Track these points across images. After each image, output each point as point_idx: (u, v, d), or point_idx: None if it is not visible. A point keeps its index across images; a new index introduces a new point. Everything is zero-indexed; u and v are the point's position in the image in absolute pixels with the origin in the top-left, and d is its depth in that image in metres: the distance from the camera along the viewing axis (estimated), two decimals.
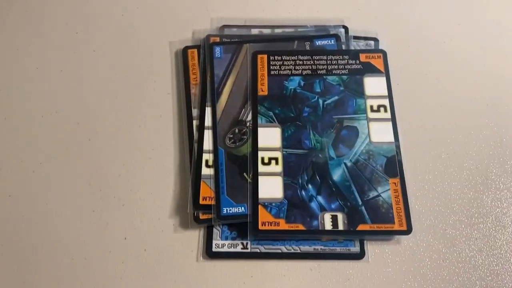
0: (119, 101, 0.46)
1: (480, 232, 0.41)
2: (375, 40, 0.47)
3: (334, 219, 0.39)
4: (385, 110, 0.43)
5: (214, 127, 0.42)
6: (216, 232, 0.40)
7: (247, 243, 0.40)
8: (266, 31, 0.48)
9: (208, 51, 0.45)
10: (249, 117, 0.43)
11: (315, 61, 0.45)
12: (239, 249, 0.39)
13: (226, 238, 0.40)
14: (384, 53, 0.46)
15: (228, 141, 0.42)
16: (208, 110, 0.43)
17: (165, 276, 0.39)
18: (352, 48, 0.46)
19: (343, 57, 0.45)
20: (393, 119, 0.43)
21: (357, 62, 0.45)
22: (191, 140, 0.42)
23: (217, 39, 0.46)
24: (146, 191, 0.42)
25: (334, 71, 0.45)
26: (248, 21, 0.49)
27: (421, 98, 0.46)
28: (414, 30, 0.49)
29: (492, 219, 0.41)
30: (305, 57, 0.45)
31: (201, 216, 0.40)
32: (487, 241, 0.40)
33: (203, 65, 0.45)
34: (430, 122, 0.45)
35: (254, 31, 0.48)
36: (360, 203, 0.40)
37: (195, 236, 0.40)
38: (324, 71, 0.45)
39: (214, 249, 0.39)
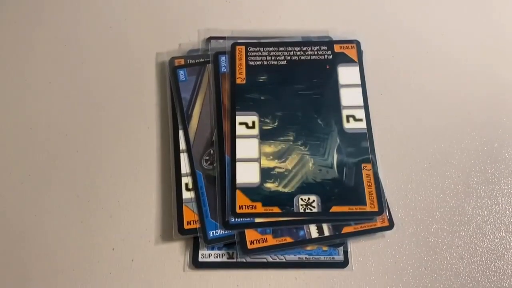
0: (107, 113, 0.46)
1: (461, 240, 0.41)
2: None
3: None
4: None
5: (189, 151, 0.42)
6: (202, 242, 0.40)
7: (233, 253, 0.40)
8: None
9: (172, 75, 0.45)
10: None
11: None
12: (225, 259, 0.40)
13: (213, 248, 0.40)
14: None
15: (204, 163, 0.42)
16: (181, 134, 0.43)
17: (152, 286, 0.39)
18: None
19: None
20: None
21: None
22: (177, 151, 0.43)
23: (182, 62, 0.46)
24: (133, 202, 0.42)
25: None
26: (235, 32, 0.49)
27: (404, 108, 0.46)
28: (399, 40, 0.49)
29: (473, 226, 0.42)
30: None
31: (186, 226, 0.40)
32: (468, 248, 0.41)
33: (171, 89, 0.45)
34: (413, 132, 0.45)
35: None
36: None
37: (182, 246, 0.41)
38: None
39: (200, 259, 0.40)
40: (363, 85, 0.45)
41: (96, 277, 0.40)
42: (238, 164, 0.41)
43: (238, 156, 0.42)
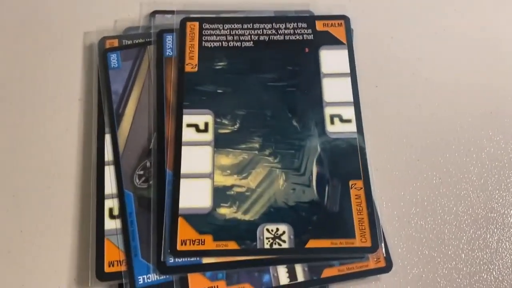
0: (14, 110, 0.37)
1: (483, 284, 0.33)
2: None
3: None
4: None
5: (116, 163, 0.33)
6: None
7: None
8: None
9: (101, 59, 0.37)
10: None
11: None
12: None
13: None
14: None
15: (137, 180, 0.33)
16: (107, 139, 0.34)
17: None
18: None
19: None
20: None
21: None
22: (100, 163, 0.33)
23: (115, 43, 0.37)
24: (39, 234, 0.33)
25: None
26: (188, 6, 0.40)
27: (407, 105, 0.38)
28: (399, 17, 0.41)
29: (499, 266, 0.33)
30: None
31: (107, 269, 0.31)
32: None
33: (98, 80, 0.36)
34: (418, 137, 0.37)
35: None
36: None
37: None
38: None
39: None
40: (353, 74, 0.37)
41: None
42: (182, 182, 0.33)
43: (183, 170, 0.33)
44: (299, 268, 0.32)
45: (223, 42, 0.37)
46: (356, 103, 0.36)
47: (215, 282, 0.31)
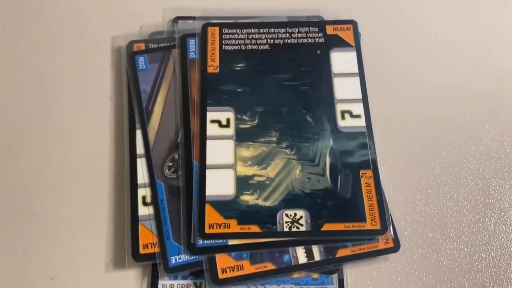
0: (50, 109, 0.39)
1: (482, 263, 0.35)
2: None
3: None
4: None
5: (148, 156, 0.36)
6: (162, 270, 0.33)
7: (201, 283, 0.33)
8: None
9: (130, 62, 0.39)
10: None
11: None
12: None
13: (175, 278, 0.33)
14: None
15: (167, 171, 0.35)
16: (138, 134, 0.36)
17: None
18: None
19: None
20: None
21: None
22: (133, 156, 0.36)
23: (142, 46, 0.39)
24: (79, 220, 0.35)
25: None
26: (207, 11, 0.42)
27: (412, 102, 0.40)
28: (400, 21, 0.43)
29: (496, 246, 0.35)
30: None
31: (142, 251, 0.33)
32: (491, 274, 0.34)
33: (128, 80, 0.38)
34: (422, 131, 0.39)
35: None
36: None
37: (138, 275, 0.34)
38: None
39: None
40: (361, 74, 0.39)
41: None
42: (208, 172, 0.35)
43: (208, 161, 0.35)
44: (315, 249, 0.33)
45: (242, 46, 0.39)
46: (365, 100, 0.37)
47: (240, 261, 0.33)
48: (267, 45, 0.40)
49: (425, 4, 0.44)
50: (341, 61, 0.39)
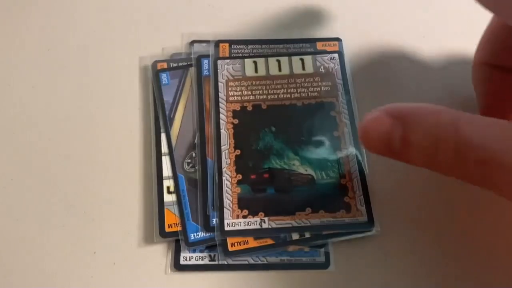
0: (90, 117, 0.46)
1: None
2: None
3: None
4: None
5: (171, 154, 0.42)
6: (184, 245, 0.40)
7: (214, 255, 0.40)
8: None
9: (155, 78, 0.45)
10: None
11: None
12: (206, 261, 0.40)
13: (194, 251, 0.40)
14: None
15: (186, 166, 0.42)
16: (163, 137, 0.43)
17: None
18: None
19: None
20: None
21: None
22: (159, 154, 0.43)
23: (164, 65, 0.46)
24: (115, 206, 0.42)
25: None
26: (218, 36, 0.49)
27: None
28: (382, 42, 0.49)
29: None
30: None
31: (167, 229, 0.40)
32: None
33: (153, 93, 0.45)
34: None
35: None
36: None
37: (164, 249, 0.41)
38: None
39: (182, 262, 0.40)
40: (344, 82, 0.46)
41: (78, 281, 0.40)
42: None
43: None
44: None
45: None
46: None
47: (246, 237, 0.40)
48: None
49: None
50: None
